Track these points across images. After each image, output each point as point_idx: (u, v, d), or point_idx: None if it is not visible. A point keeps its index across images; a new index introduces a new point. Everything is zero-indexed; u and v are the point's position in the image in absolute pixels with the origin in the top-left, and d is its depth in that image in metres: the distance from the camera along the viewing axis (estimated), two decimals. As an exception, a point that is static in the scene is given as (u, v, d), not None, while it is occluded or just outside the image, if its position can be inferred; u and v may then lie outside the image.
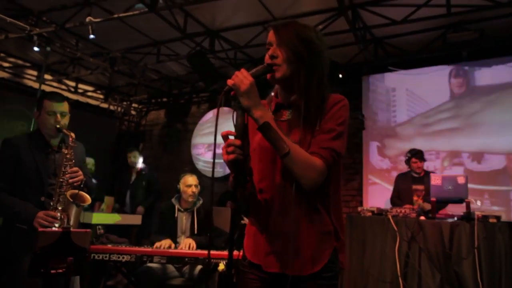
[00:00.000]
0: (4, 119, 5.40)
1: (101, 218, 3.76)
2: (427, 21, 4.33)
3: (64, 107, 2.07)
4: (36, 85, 6.02)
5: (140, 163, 5.24)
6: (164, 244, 2.73)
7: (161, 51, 5.53)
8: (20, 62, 6.01)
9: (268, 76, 1.21)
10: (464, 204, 3.38)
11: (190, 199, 3.13)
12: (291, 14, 4.42)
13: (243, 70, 1.11)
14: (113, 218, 4.01)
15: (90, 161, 5.15)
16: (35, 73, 6.18)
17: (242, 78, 1.09)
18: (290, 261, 1.15)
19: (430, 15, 4.18)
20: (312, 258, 1.15)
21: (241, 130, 1.07)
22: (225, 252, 2.63)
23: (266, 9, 4.41)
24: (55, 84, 6.44)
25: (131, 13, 4.21)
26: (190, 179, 3.17)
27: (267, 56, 1.21)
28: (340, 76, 5.37)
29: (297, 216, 1.15)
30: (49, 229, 1.56)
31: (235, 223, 1.01)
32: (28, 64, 6.07)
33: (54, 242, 1.37)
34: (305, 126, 1.17)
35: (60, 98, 2.07)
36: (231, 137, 1.09)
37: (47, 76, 6.32)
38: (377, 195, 5.20)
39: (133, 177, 5.13)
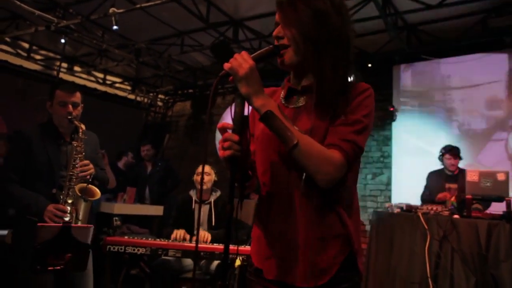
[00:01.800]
0: (35, 110, 5.57)
1: (122, 208, 3.79)
2: (466, 5, 3.99)
3: (76, 97, 2.03)
4: (66, 77, 6.18)
5: (153, 155, 5.26)
6: (179, 234, 2.69)
7: (185, 41, 5.49)
8: (51, 54, 6.17)
9: (278, 61, 1.08)
10: (504, 203, 3.10)
11: (199, 187, 3.06)
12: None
13: (243, 53, 0.98)
14: (135, 209, 4.03)
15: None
16: (65, 65, 6.33)
17: (241, 62, 0.96)
18: (292, 269, 1.01)
19: (469, -2, 3.86)
20: (319, 267, 1.00)
21: (239, 123, 0.95)
22: (243, 248, 2.56)
23: (291, -5, 4.24)
24: (84, 75, 6.57)
25: (153, 3, 4.17)
26: (200, 168, 3.12)
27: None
28: (369, 65, 5.12)
29: (303, 215, 1.01)
30: (48, 224, 1.52)
31: (230, 226, 0.90)
32: (58, 56, 6.22)
33: (54, 237, 1.33)
34: (318, 113, 1.02)
35: (72, 88, 2.04)
36: (229, 131, 0.97)
37: (76, 68, 6.48)
38: (407, 190, 4.94)
39: (149, 169, 5.16)
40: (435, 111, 4.99)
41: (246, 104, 1.00)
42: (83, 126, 1.98)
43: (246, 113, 0.99)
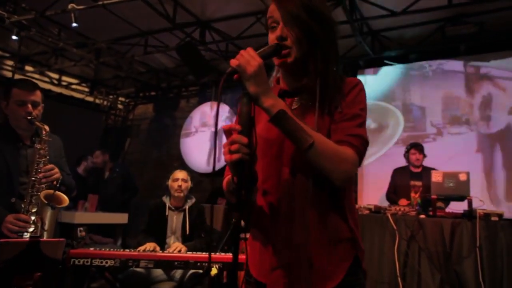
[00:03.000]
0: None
1: (84, 217, 3.54)
2: (426, 13, 4.19)
3: (36, 96, 1.84)
4: (17, 77, 5.72)
5: (105, 161, 5.03)
6: (148, 247, 2.54)
7: (149, 42, 5.30)
8: (-1, 52, 5.70)
9: (277, 62, 1.03)
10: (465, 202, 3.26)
11: (176, 194, 2.95)
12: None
13: (249, 49, 0.91)
14: (98, 217, 3.78)
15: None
16: (11, 63, 5.87)
17: (248, 59, 0.89)
18: (300, 277, 0.97)
19: (430, 7, 4.04)
20: (327, 272, 0.97)
21: (247, 124, 0.88)
22: (219, 255, 2.48)
23: (259, -2, 4.22)
24: (37, 76, 6.14)
25: (116, 0, 3.97)
26: (178, 173, 3.02)
27: (272, 37, 1.02)
28: (335, 69, 5.22)
29: (310, 220, 0.97)
30: (12, 239, 1.35)
31: (237, 238, 0.82)
32: (7, 55, 5.76)
33: (19, 253, 1.17)
34: (318, 112, 0.99)
35: (31, 86, 1.84)
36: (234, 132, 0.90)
37: (28, 68, 6.04)
38: (372, 191, 5.08)
39: (106, 174, 4.93)
40: (398, 114, 5.18)
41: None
42: (46, 127, 1.80)
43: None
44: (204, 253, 2.52)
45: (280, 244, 1.00)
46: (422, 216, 3.31)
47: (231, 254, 0.85)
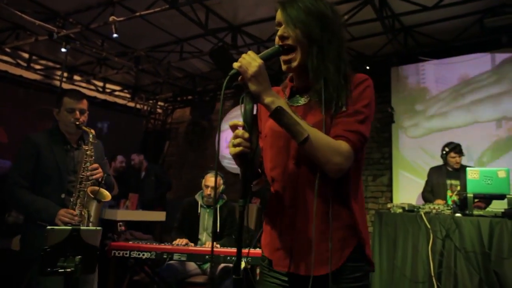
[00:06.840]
0: (36, 119, 5.60)
1: (125, 214, 3.80)
2: (462, 6, 4.04)
3: (83, 104, 2.07)
4: (65, 86, 6.21)
5: (141, 162, 5.36)
6: (179, 242, 2.71)
7: (184, 48, 5.53)
8: (50, 64, 6.20)
9: (284, 67, 1.12)
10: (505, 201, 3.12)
11: (206, 198, 3.14)
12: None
13: (250, 52, 1.01)
14: (138, 215, 4.04)
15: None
16: (65, 74, 6.36)
17: (250, 61, 0.99)
18: (300, 259, 1.05)
19: (465, -1, 3.91)
20: (325, 257, 1.03)
21: (249, 120, 0.97)
22: (248, 250, 2.57)
23: (288, 0, 4.29)
24: (84, 84, 6.60)
25: (152, 10, 4.21)
26: (209, 180, 3.16)
27: (277, 38, 1.11)
28: (367, 68, 5.17)
29: (313, 207, 1.03)
30: (57, 227, 1.54)
31: (242, 222, 0.92)
32: (58, 66, 6.25)
33: (63, 240, 1.35)
34: (323, 108, 1.06)
35: (79, 95, 2.07)
36: (240, 128, 0.99)
37: (76, 77, 6.51)
38: (408, 190, 4.96)
39: (143, 174, 5.26)
40: (434, 111, 5.02)
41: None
42: (92, 131, 2.02)
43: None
44: (234, 248, 2.64)
45: (284, 228, 1.09)
46: (458, 214, 3.22)
47: (259, 250, 0.95)
